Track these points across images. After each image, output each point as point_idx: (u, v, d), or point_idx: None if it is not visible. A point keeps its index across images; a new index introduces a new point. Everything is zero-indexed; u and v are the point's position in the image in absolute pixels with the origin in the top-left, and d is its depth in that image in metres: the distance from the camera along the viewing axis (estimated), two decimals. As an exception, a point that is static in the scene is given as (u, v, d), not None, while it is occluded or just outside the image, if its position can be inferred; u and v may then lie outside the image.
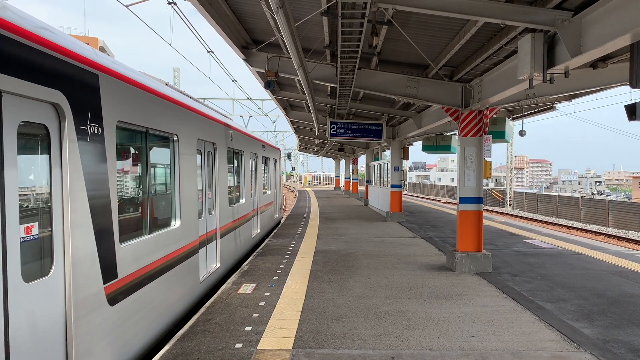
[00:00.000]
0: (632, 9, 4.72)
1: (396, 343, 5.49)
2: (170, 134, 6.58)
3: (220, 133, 9.44)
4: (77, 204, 4.10)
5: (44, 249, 3.81)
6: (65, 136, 3.97)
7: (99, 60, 4.64)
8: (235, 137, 10.80)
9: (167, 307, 6.21)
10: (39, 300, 3.62)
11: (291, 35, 6.67)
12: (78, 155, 4.13)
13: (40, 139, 3.79)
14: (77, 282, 4.08)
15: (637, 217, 24.62)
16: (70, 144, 4.00)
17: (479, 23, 7.06)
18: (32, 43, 3.55)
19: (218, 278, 9.07)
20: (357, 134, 17.30)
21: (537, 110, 13.27)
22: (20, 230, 3.45)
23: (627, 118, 5.92)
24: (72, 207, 4.02)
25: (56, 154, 3.91)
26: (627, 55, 7.31)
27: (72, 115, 4.03)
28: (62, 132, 3.96)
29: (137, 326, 5.23)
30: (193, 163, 7.49)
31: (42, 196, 3.82)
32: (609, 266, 9.95)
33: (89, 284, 4.29)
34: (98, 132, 4.49)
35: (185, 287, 6.98)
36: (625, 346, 5.48)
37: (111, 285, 4.67)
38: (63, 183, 3.97)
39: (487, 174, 9.74)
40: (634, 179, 55.96)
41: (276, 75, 10.58)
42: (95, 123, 4.43)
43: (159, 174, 6.64)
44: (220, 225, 9.29)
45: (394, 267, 9.72)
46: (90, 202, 4.31)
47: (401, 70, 10.47)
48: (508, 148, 39.02)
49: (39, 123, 3.70)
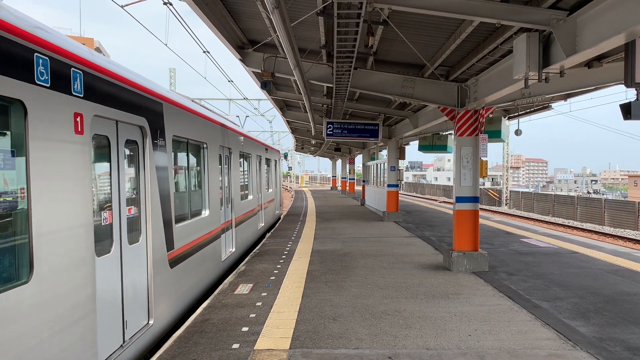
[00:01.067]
0: (626, 8, 4.74)
1: (393, 342, 5.49)
2: (202, 143, 8.37)
3: (234, 139, 11.08)
4: (152, 194, 5.84)
5: (137, 224, 5.54)
6: (147, 148, 5.69)
7: (163, 93, 6.42)
8: (245, 143, 12.56)
9: (201, 276, 8.00)
10: (135, 257, 5.42)
11: (287, 35, 6.66)
12: (153, 161, 5.85)
13: (133, 150, 5.49)
14: (154, 248, 5.82)
15: (632, 216, 24.71)
16: (149, 154, 5.71)
17: (474, 23, 7.07)
18: (133, 88, 5.30)
19: (234, 260, 10.88)
20: (354, 133, 17.31)
21: (533, 109, 13.31)
22: (126, 211, 5.20)
23: (622, 117, 5.94)
24: (151, 196, 5.78)
25: (141, 160, 5.65)
26: (621, 54, 7.34)
27: (150, 133, 5.75)
28: (144, 145, 5.68)
29: (184, 286, 7.05)
30: (216, 165, 9.31)
31: (134, 188, 5.54)
32: (604, 265, 9.99)
33: (159, 250, 6.02)
34: (163, 144, 6.21)
35: (212, 263, 8.74)
36: (621, 344, 5.50)
37: (171, 254, 6.44)
38: (145, 180, 5.69)
39: (484, 174, 9.76)
40: (630, 177, 56.18)
41: (272, 75, 10.58)
42: (161, 138, 6.16)
43: (195, 173, 8.37)
44: (235, 217, 11.06)
45: (391, 266, 9.73)
46: (159, 193, 6.05)
47: (397, 70, 10.47)
48: (504, 147, 39.08)
49: (133, 140, 5.42)
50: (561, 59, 5.81)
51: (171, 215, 6.44)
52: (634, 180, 49.46)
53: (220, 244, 9.37)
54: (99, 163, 4.70)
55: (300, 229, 15.93)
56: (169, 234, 6.34)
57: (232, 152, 10.85)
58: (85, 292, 4.20)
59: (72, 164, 4.03)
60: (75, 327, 4.03)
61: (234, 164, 11.04)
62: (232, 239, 10.69)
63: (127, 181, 5.35)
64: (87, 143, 4.28)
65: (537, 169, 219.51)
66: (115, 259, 4.94)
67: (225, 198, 10.11)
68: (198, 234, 7.78)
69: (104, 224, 4.75)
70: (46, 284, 3.61)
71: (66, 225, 3.91)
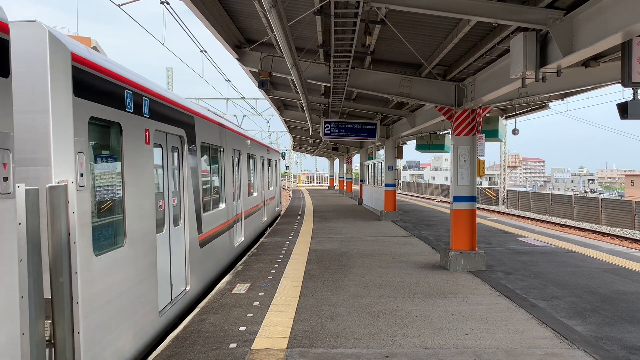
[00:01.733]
0: (623, 8, 4.74)
1: (390, 342, 5.49)
2: (219, 147, 9.92)
3: (242, 142, 12.68)
4: (188, 188, 7.38)
5: (178, 211, 7.14)
6: (184, 152, 7.32)
7: (194, 108, 8.13)
8: (251, 145, 14.12)
9: (220, 258, 9.60)
10: (178, 237, 7.04)
11: (284, 34, 6.66)
12: (188, 163, 7.41)
13: (175, 154, 7.05)
14: (189, 230, 7.42)
15: (629, 215, 24.79)
16: (185, 157, 7.32)
17: (471, 22, 7.08)
18: (176, 107, 6.93)
19: (243, 248, 12.45)
20: (351, 133, 17.30)
21: (530, 109, 13.33)
22: (172, 201, 6.80)
23: (619, 116, 5.94)
24: (187, 190, 7.34)
25: (180, 162, 7.24)
26: (618, 54, 7.35)
27: (186, 141, 7.35)
28: (182, 150, 7.29)
29: (208, 264, 8.63)
30: (230, 165, 10.88)
31: (176, 184, 7.07)
32: (601, 264, 10.01)
33: (193, 233, 7.61)
34: (194, 149, 7.80)
35: (227, 248, 10.38)
36: (617, 343, 5.51)
37: (200, 236, 8.04)
38: (183, 177, 7.30)
39: (481, 173, 9.77)
40: (626, 176, 56.33)
41: (270, 74, 10.57)
42: (193, 144, 7.75)
43: (214, 172, 9.76)
44: (244, 210, 12.61)
45: (388, 266, 9.73)
46: (192, 188, 7.61)
47: (395, 70, 10.47)
48: (501, 147, 39.15)
49: (176, 146, 7.04)
50: (558, 58, 5.82)
51: (200, 206, 8.09)
52: (631, 179, 49.59)
53: (233, 233, 11.07)
54: (156, 164, 6.14)
55: (297, 228, 15.93)
56: (198, 221, 7.98)
57: (241, 154, 12.47)
58: (151, 258, 5.78)
59: (144, 165, 5.60)
60: (146, 282, 5.59)
61: (243, 164, 12.68)
62: (241, 230, 12.27)
63: (172, 178, 6.94)
64: (151, 150, 5.85)
65: (534, 168, 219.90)
66: (166, 236, 6.54)
67: (236, 194, 11.70)
68: (217, 223, 9.46)
69: (159, 209, 6.30)
70: (132, 248, 5.23)
71: (142, 208, 5.51)
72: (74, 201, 4.07)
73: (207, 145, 8.86)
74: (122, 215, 5.08)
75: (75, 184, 4.09)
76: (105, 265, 4.61)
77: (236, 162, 11.83)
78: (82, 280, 4.13)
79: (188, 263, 7.36)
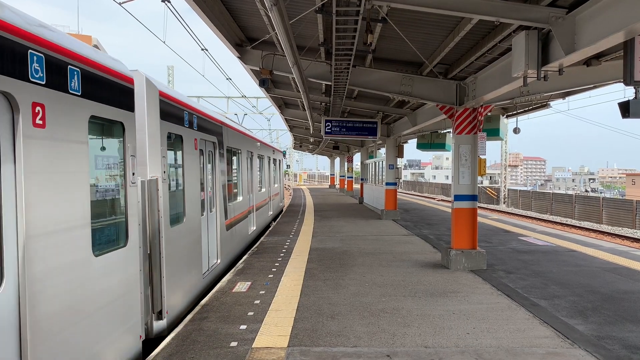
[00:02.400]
0: (625, 6, 4.73)
1: (391, 341, 5.49)
2: (238, 149, 11.81)
3: (253, 144, 14.52)
4: (219, 183, 9.21)
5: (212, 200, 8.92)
6: (216, 155, 9.14)
7: (222, 119, 10.03)
8: (260, 147, 16.10)
9: (239, 241, 11.46)
10: (212, 220, 8.83)
11: (285, 32, 6.64)
12: (219, 163, 9.30)
13: (210, 157, 8.78)
14: (220, 215, 9.28)
15: (630, 214, 24.76)
16: (217, 158, 9.18)
17: (473, 21, 7.05)
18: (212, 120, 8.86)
19: (255, 236, 14.28)
20: (352, 132, 17.28)
21: (532, 107, 13.31)
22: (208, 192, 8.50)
23: (621, 115, 5.92)
24: (218, 184, 9.16)
25: (214, 162, 8.99)
26: (620, 52, 7.33)
27: (218, 146, 9.24)
28: (215, 153, 9.07)
29: (232, 244, 10.54)
30: (245, 164, 12.88)
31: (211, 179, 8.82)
32: (602, 263, 10.00)
33: (222, 217, 9.46)
34: (222, 152, 9.67)
35: (244, 234, 12.28)
36: (619, 342, 5.50)
37: (227, 221, 9.90)
38: (215, 174, 9.03)
39: (482, 172, 9.75)
40: (628, 176, 56.24)
41: (271, 73, 10.54)
42: (222, 148, 9.61)
43: (235, 170, 11.69)
44: (255, 204, 14.42)
45: (389, 264, 9.73)
46: (221, 182, 9.46)
47: (396, 68, 10.46)
48: (502, 146, 39.13)
49: (210, 150, 8.78)
50: (560, 57, 5.80)
51: (226, 197, 10.00)
52: (632, 178, 49.50)
53: (248, 222, 12.98)
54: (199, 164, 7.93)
55: (298, 227, 15.93)
56: (226, 209, 9.87)
57: (253, 155, 14.32)
58: (198, 234, 7.69)
59: (194, 165, 7.57)
60: (196, 251, 7.54)
61: (254, 164, 14.59)
62: (253, 220, 14.11)
63: (208, 175, 8.69)
64: (198, 154, 7.78)
65: (535, 167, 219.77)
66: (205, 219, 8.33)
67: (249, 189, 13.61)
68: (238, 212, 11.35)
69: (201, 198, 8.02)
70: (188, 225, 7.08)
71: (194, 196, 7.46)
72: (160, 190, 5.95)
73: (230, 149, 10.71)
74: (183, 200, 6.98)
75: (161, 178, 5.99)
76: (175, 234, 6.47)
77: (249, 162, 13.72)
78: (165, 242, 6.05)
79: (219, 241, 9.28)
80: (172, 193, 6.50)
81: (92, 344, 4.12)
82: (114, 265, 4.58)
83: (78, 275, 3.94)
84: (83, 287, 4.00)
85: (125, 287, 4.79)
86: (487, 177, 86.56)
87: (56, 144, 3.66)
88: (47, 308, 3.49)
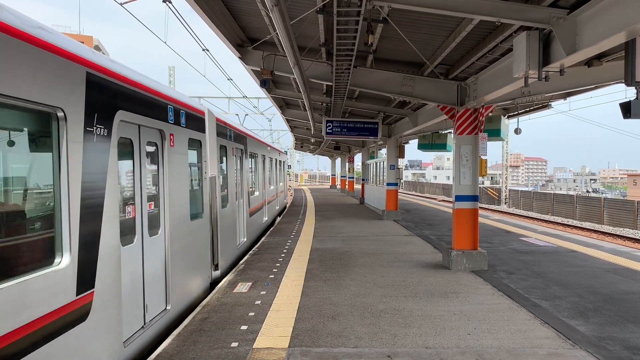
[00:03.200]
0: (627, 7, 4.72)
1: (392, 341, 5.48)
2: (257, 154, 14.54)
3: (266, 149, 17.06)
4: (243, 181, 11.69)
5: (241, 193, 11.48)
6: (244, 158, 11.79)
7: (246, 131, 13.00)
8: (270, 151, 18.72)
9: (256, 228, 13.94)
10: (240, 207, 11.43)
11: (286, 33, 6.65)
12: (245, 164, 11.93)
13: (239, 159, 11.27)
14: (246, 204, 11.97)
15: (631, 215, 24.73)
16: (244, 161, 11.74)
17: (474, 21, 7.05)
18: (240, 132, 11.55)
19: (267, 225, 16.80)
20: (353, 132, 17.28)
21: (533, 108, 13.29)
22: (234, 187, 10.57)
23: (622, 116, 5.92)
24: (243, 182, 11.66)
25: (241, 164, 11.46)
26: (621, 53, 7.33)
27: (246, 152, 12.14)
28: (242, 157, 11.61)
29: (252, 228, 13.10)
30: (260, 166, 15.47)
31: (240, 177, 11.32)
32: (603, 264, 9.99)
33: (246, 206, 12.12)
34: (247, 156, 12.31)
35: (260, 222, 15.01)
36: (620, 343, 5.49)
37: (250, 210, 12.54)
38: (243, 173, 11.61)
39: (483, 172, 9.75)
40: (629, 176, 56.20)
41: (272, 73, 10.55)
42: (246, 153, 12.12)
43: (254, 170, 14.27)
44: (267, 198, 17.04)
45: (390, 265, 9.72)
46: (245, 180, 11.87)
47: (397, 69, 10.45)
48: (503, 146, 39.10)
49: (240, 156, 11.39)
50: (561, 57, 5.80)
51: (248, 192, 12.51)
52: (633, 179, 49.48)
53: (262, 212, 15.64)
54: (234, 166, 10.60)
55: (299, 227, 15.93)
56: (249, 200, 12.55)
57: (265, 157, 16.83)
58: (236, 215, 10.55)
59: (233, 167, 10.21)
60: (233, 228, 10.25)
61: (266, 165, 17.21)
62: (265, 212, 16.43)
63: (239, 173, 11.12)
64: (234, 158, 10.40)
65: (537, 167, 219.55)
66: (236, 205, 10.65)
67: (263, 186, 16.11)
68: (256, 204, 14.07)
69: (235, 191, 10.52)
70: (230, 208, 9.80)
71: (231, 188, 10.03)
72: (217, 183, 8.49)
73: (251, 153, 13.35)
74: (227, 191, 9.72)
75: (217, 175, 8.47)
76: (224, 213, 9.17)
77: (262, 164, 16.13)
78: (220, 217, 8.67)
79: (245, 224, 11.83)
80: (223, 185, 9.40)
81: (193, 271, 7.23)
82: (198, 228, 7.50)
83: (185, 230, 6.77)
84: (187, 237, 6.89)
85: (203, 243, 7.77)
86: (488, 177, 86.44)
87: (177, 155, 6.46)
88: (174, 246, 6.33)
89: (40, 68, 3.52)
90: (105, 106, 4.45)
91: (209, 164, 8.06)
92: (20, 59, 3.30)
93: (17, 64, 3.28)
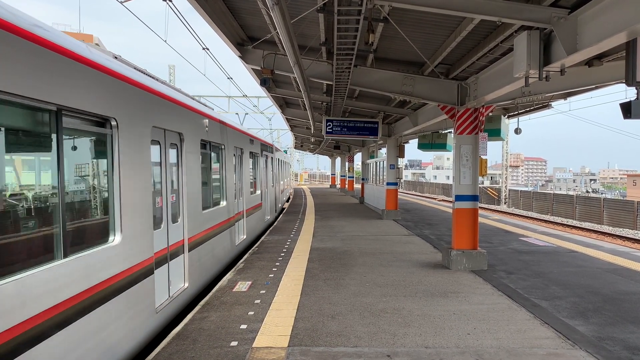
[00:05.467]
0: (627, 7, 4.72)
1: (392, 341, 5.48)
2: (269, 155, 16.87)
3: (270, 149, 18.17)
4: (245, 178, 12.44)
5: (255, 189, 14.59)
6: (258, 159, 14.90)
7: (259, 137, 15.85)
8: (276, 152, 20.55)
9: (255, 223, 14.19)
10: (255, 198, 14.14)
11: (287, 32, 6.63)
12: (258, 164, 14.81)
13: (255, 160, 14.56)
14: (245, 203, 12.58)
15: (631, 215, 24.73)
16: (258, 160, 14.88)
17: (475, 21, 7.05)
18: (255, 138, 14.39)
19: (270, 221, 17.65)
20: (353, 131, 17.27)
21: (533, 108, 13.28)
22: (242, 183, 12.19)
23: (622, 116, 5.91)
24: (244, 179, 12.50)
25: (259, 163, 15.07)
26: (622, 53, 7.32)
27: (262, 155, 15.45)
28: (258, 158, 14.86)
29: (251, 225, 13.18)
30: (263, 165, 16.35)
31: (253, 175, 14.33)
32: (603, 264, 9.99)
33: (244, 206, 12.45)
34: (258, 157, 14.86)
35: (260, 219, 15.25)
36: (620, 343, 5.49)
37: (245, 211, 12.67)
38: (260, 173, 15.26)
39: (483, 172, 9.74)
40: (629, 177, 56.16)
41: (272, 72, 10.54)
42: (260, 155, 15.04)
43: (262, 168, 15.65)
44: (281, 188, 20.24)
45: (390, 264, 9.72)
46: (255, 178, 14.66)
47: (397, 68, 10.44)
48: (503, 146, 39.07)
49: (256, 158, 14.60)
50: (562, 57, 5.79)
51: (249, 190, 13.15)
52: (633, 179, 49.44)
53: (263, 210, 16.22)
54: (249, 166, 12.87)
55: (299, 226, 15.92)
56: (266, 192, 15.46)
57: (274, 159, 19.18)
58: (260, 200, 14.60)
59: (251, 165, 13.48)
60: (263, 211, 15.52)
61: (268, 164, 17.99)
62: (267, 209, 17.33)
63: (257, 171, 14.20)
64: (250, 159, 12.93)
65: (536, 167, 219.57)
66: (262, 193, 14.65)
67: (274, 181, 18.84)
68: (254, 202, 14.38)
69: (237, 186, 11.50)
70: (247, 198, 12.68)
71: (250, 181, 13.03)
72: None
73: (265, 155, 15.72)
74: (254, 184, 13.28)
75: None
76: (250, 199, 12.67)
77: (270, 164, 18.14)
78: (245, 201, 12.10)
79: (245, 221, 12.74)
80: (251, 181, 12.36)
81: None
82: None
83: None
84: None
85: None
86: (488, 177, 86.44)
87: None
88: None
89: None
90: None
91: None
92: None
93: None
